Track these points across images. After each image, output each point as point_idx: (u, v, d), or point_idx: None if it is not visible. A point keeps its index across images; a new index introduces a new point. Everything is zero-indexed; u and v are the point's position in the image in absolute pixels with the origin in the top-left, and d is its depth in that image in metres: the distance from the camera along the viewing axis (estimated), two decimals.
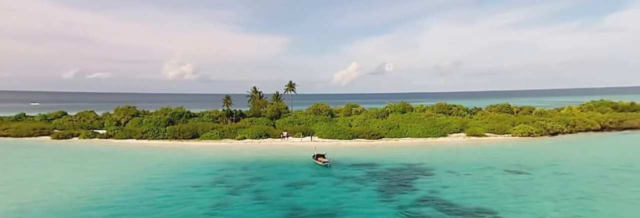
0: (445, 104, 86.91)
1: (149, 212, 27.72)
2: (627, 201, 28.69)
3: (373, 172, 40.13)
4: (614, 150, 51.16)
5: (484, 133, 63.55)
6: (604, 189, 31.84)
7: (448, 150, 52.93)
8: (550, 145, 56.52)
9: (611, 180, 35.00)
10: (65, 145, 59.10)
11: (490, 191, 31.72)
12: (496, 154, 49.06)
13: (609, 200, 28.95)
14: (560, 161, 43.69)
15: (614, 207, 27.34)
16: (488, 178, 36.10)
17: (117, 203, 29.86)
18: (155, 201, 30.54)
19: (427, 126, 65.50)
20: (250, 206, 28.95)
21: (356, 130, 64.52)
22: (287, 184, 35.56)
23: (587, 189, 31.98)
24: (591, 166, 41.48)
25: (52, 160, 48.15)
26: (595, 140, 61.47)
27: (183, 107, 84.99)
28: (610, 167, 40.56)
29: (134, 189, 34.03)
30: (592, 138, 63.20)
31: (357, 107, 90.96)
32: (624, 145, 56.22)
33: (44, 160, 47.83)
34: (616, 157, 46.05)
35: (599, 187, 32.75)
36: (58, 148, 56.99)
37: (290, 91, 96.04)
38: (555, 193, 30.69)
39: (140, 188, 34.51)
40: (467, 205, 27.86)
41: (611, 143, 58.20)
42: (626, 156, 46.91)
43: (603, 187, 32.48)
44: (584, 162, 43.76)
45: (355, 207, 28.47)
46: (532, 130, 62.08)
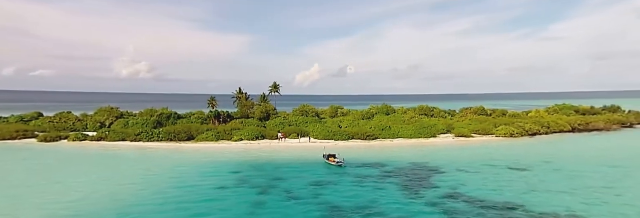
0: (427, 107, 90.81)
1: (199, 212, 28.01)
2: (633, 192, 32.16)
3: (386, 170, 41.88)
4: (594, 149, 56.15)
5: (470, 134, 67.41)
6: (608, 183, 35.33)
7: (445, 150, 55.85)
8: (534, 145, 61.00)
9: (609, 175, 38.85)
10: (60, 148, 56.88)
11: (506, 187, 34.36)
12: (491, 153, 52.46)
13: (617, 192, 32.28)
14: (553, 159, 47.55)
15: (623, 197, 30.62)
16: (497, 175, 38.91)
17: (160, 205, 29.74)
18: (195, 201, 30.79)
19: (418, 127, 68.47)
20: (288, 205, 29.71)
21: (351, 132, 66.25)
22: (310, 184, 36.51)
23: (592, 183, 35.41)
24: (584, 163, 45.61)
25: (61, 163, 46.80)
26: (571, 140, 66.91)
27: (168, 108, 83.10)
28: (601, 164, 44.85)
29: (167, 191, 33.89)
30: (568, 138, 68.70)
31: (343, 109, 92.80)
32: (600, 144, 61.56)
33: (52, 163, 46.36)
34: (600, 155, 50.69)
35: (601, 181, 36.31)
36: (55, 151, 54.85)
37: (274, 92, 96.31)
38: (566, 187, 33.82)
39: (172, 189, 34.44)
40: (494, 200, 30.16)
41: (588, 143, 63.61)
42: (608, 154, 51.67)
43: (605, 181, 36.04)
44: (575, 159, 47.92)
45: (389, 203, 29.97)
46: (513, 132, 66.69)
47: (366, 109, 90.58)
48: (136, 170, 42.52)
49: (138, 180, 37.92)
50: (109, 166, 44.57)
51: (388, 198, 31.26)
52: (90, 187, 34.65)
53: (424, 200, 30.72)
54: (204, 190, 34.33)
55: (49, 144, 58.93)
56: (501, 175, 39.19)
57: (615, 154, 51.41)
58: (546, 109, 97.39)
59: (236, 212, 28.07)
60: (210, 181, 37.56)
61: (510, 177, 38.14)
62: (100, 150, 55.54)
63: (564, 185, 34.80)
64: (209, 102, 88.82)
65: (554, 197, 30.78)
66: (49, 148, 56.25)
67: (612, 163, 45.20)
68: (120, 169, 42.90)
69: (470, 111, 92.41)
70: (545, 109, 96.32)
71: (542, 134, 70.34)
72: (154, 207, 29.18)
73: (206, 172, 41.86)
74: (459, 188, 34.06)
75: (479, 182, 36.33)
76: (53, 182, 36.73)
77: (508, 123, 69.77)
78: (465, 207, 28.66)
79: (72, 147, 57.86)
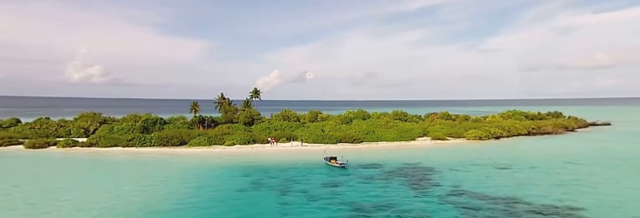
0: (401, 112, 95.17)
1: (231, 211, 28.55)
2: (603, 184, 36.80)
3: (385, 171, 44.02)
4: (553, 149, 61.47)
5: (445, 137, 71.96)
6: (579, 178, 39.59)
7: (429, 151, 59.24)
8: (503, 146, 66.08)
9: (576, 171, 43.23)
10: (54, 155, 53.84)
11: (499, 183, 37.59)
12: (470, 154, 56.31)
13: (589, 185, 36.60)
14: (525, 158, 51.96)
15: (597, 189, 34.99)
16: (487, 174, 42.38)
17: (193, 207, 29.84)
18: (224, 201, 31.23)
19: (398, 131, 72.01)
20: (313, 205, 30.55)
21: (339, 135, 68.40)
22: (322, 184, 37.64)
23: (566, 178, 39.50)
24: (550, 161, 49.91)
25: (67, 169, 44.46)
26: (530, 142, 73.02)
27: (151, 114, 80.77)
28: (565, 161, 49.31)
29: (191, 194, 33.77)
30: (526, 141, 74.96)
31: (322, 114, 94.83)
32: (555, 145, 67.01)
33: (63, 171, 43.98)
34: (561, 154, 55.45)
35: (573, 175, 40.46)
36: (52, 158, 51.91)
37: (255, 98, 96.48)
38: (548, 182, 37.60)
39: (195, 192, 34.30)
40: (494, 194, 33.15)
41: (545, 144, 69.30)
42: (566, 153, 56.64)
43: (576, 176, 40.25)
44: (542, 158, 52.29)
45: (404, 200, 31.81)
46: (481, 135, 72.02)
47: (344, 114, 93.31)
48: (148, 175, 41.58)
49: (156, 184, 37.24)
50: (120, 172, 43.14)
51: (401, 196, 33.06)
52: (123, 194, 33.85)
53: (434, 196, 33.00)
54: (227, 192, 34.45)
55: (38, 151, 55.47)
56: (490, 173, 42.75)
57: (572, 153, 57.09)
58: (500, 114, 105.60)
59: (269, 212, 28.64)
60: (227, 184, 37.66)
61: (498, 175, 41.81)
62: (97, 156, 53.16)
63: (546, 180, 38.66)
64: (191, 107, 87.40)
65: (544, 190, 34.36)
66: (42, 155, 53.07)
67: (573, 161, 50.41)
68: (133, 174, 41.74)
69: (437, 116, 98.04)
70: (500, 115, 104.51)
71: (504, 137, 76.51)
72: (189, 209, 29.21)
73: (217, 175, 41.75)
74: (459, 185, 36.80)
75: (474, 179, 39.50)
76: (85, 190, 35.40)
77: (476, 127, 75.27)
78: (474, 201, 31.27)
79: (65, 153, 54.89)
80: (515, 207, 29.27)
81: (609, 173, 42.42)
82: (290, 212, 28.87)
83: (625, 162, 49.82)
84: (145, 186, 36.50)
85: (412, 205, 30.28)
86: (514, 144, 68.76)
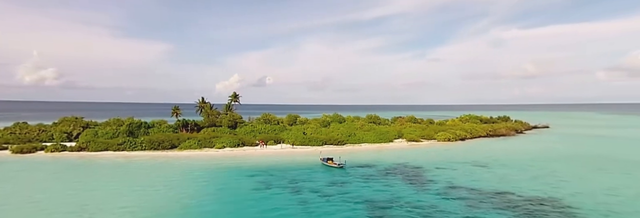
0: (374, 115, 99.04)
1: (258, 210, 29.41)
2: (571, 178, 41.84)
3: (378, 170, 46.34)
4: (514, 149, 67.35)
5: (419, 139, 76.44)
6: (548, 173, 44.35)
7: (409, 152, 62.58)
8: (471, 147, 71.13)
9: (543, 167, 47.92)
10: (46, 159, 51.09)
11: (485, 179, 41.22)
12: (447, 154, 60.36)
13: (558, 179, 41.22)
14: (496, 157, 56.50)
15: (569, 183, 39.78)
16: (470, 171, 46.19)
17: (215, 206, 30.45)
18: (245, 200, 31.99)
19: (377, 134, 75.36)
20: (329, 201, 31.93)
21: (324, 138, 70.39)
22: (328, 183, 39.01)
23: (537, 173, 43.94)
24: (518, 159, 54.74)
25: (71, 174, 42.68)
26: (491, 143, 79.03)
27: (133, 117, 78.03)
28: (530, 159, 54.35)
29: (213, 192, 34.27)
30: (488, 142, 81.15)
31: (300, 117, 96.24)
32: (515, 146, 73.16)
33: (62, 175, 41.88)
34: (523, 153, 60.98)
35: (542, 171, 45.07)
36: (46, 162, 49.34)
37: (234, 102, 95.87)
38: (525, 177, 41.77)
39: (216, 191, 34.77)
40: (485, 189, 36.46)
41: (505, 145, 75.20)
42: (527, 152, 62.38)
43: (545, 171, 44.85)
44: (509, 157, 57.16)
45: (409, 195, 34.05)
46: (450, 137, 77.38)
47: (322, 117, 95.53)
48: (157, 177, 41.03)
49: (171, 185, 37.01)
50: (127, 175, 42.10)
51: (405, 192, 35.22)
52: (143, 195, 33.51)
53: (434, 191, 35.71)
54: (243, 191, 35.18)
55: (26, 156, 52.09)
56: (472, 170, 46.62)
57: (530, 152, 62.94)
58: (459, 118, 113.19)
59: (293, 209, 29.71)
60: (239, 184, 38.24)
61: (480, 172, 45.84)
62: (91, 160, 51.04)
63: (521, 175, 42.90)
64: (173, 110, 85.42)
65: (524, 184, 38.40)
66: (34, 160, 50.04)
67: (534, 158, 55.86)
68: (141, 177, 41.03)
69: (405, 119, 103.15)
70: (458, 118, 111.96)
71: (468, 138, 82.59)
72: (217, 207, 29.78)
73: (225, 176, 42.02)
74: (452, 181, 39.83)
75: (462, 176, 42.90)
76: (103, 193, 34.40)
77: (444, 130, 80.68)
78: (470, 195, 34.23)
79: (55, 158, 52.07)
80: (508, 199, 32.79)
81: (568, 169, 47.90)
82: (314, 209, 30.06)
83: (575, 158, 56.13)
84: (161, 187, 36.19)
85: (418, 200, 32.70)
86: (479, 145, 74.59)
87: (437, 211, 29.23)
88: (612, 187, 37.59)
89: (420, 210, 29.68)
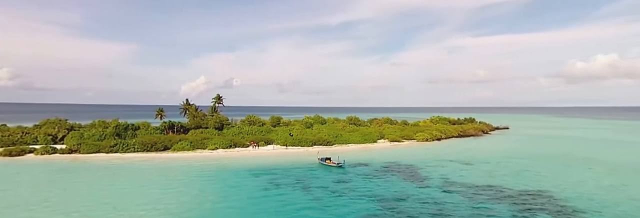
0: (354, 117, 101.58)
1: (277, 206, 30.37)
2: (547, 172, 45.91)
3: (375, 169, 48.09)
4: (489, 148, 71.98)
5: (400, 139, 79.66)
6: (526, 168, 48.26)
7: (394, 152, 65.33)
8: (449, 146, 74.99)
9: (520, 163, 51.83)
10: (39, 162, 48.65)
11: (474, 174, 44.26)
12: (432, 153, 63.36)
13: (537, 173, 45.05)
14: (476, 155, 60.25)
15: (547, 177, 43.59)
16: (459, 168, 49.09)
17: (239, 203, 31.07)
18: (263, 198, 32.94)
19: (361, 135, 77.70)
20: (342, 198, 33.29)
21: (313, 139, 71.69)
22: (334, 181, 40.22)
23: (517, 168, 47.77)
24: (496, 157, 58.65)
25: (75, 176, 41.00)
26: (466, 142, 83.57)
27: (118, 119, 75.29)
28: (506, 156, 58.47)
29: (227, 192, 34.77)
30: (461, 141, 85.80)
31: (283, 119, 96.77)
32: (487, 145, 78.02)
33: (68, 178, 40.09)
34: (497, 151, 65.41)
35: (520, 166, 48.90)
36: (38, 165, 46.87)
37: (218, 104, 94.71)
38: (508, 172, 45.38)
39: (230, 190, 35.27)
40: (478, 183, 39.23)
41: (479, 144, 79.79)
42: (501, 150, 67.00)
43: (523, 167, 48.69)
44: (487, 155, 61.10)
45: (412, 190, 35.96)
46: (428, 137, 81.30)
47: (304, 119, 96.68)
48: (165, 178, 40.73)
49: (183, 186, 36.87)
50: (135, 176, 41.48)
51: (408, 188, 37.17)
52: (161, 196, 33.15)
53: (434, 187, 37.86)
54: (256, 190, 35.90)
55: (16, 159, 49.25)
56: (460, 167, 49.62)
57: (502, 151, 67.51)
58: (430, 119, 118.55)
59: (309, 205, 30.78)
60: (248, 183, 38.80)
61: (467, 169, 48.97)
62: (87, 162, 49.27)
63: (503, 171, 46.45)
64: (157, 113, 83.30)
65: (510, 179, 41.65)
66: (27, 163, 47.68)
67: (508, 156, 59.90)
68: (150, 178, 40.49)
69: (382, 121, 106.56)
70: (429, 120, 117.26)
71: (443, 139, 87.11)
72: (237, 205, 30.41)
73: (231, 176, 42.24)
74: (446, 178, 42.29)
75: (453, 173, 45.61)
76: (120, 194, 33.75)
77: (422, 131, 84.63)
78: (467, 189, 36.65)
79: (47, 160, 49.68)
80: (501, 191, 35.74)
81: (540, 165, 52.16)
82: (330, 205, 31.23)
83: (542, 156, 60.96)
84: (174, 188, 36.06)
85: (422, 194, 34.82)
86: (454, 144, 78.97)
87: (444, 203, 31.43)
88: (582, 180, 41.85)
89: (428, 203, 31.74)
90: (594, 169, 49.03)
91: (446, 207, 30.76)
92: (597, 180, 41.94)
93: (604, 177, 43.39)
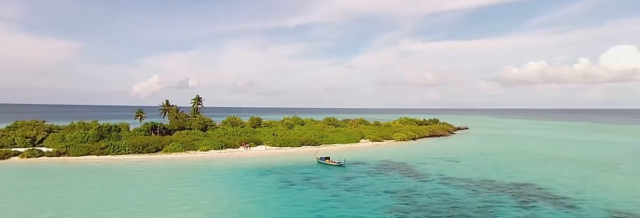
0: (333, 118, 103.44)
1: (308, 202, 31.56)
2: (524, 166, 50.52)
3: (372, 167, 50.10)
4: (461, 146, 76.74)
5: (380, 139, 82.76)
6: (505, 162, 52.99)
7: (380, 151, 67.85)
8: (427, 145, 79.12)
9: (495, 159, 56.26)
10: (28, 166, 44.98)
11: (464, 169, 47.72)
12: (417, 151, 66.62)
13: (514, 168, 49.18)
14: (455, 153, 64.37)
15: (532, 169, 47.92)
16: (447, 165, 52.51)
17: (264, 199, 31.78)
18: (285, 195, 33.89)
19: (345, 135, 79.69)
20: (361, 193, 34.98)
21: (301, 139, 72.49)
22: (343, 179, 41.62)
23: (497, 160, 52.40)
24: (473, 154, 63.20)
25: (83, 180, 38.42)
26: (438, 141, 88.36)
27: (97, 121, 70.88)
28: (480, 153, 63.15)
29: (247, 189, 35.26)
30: (434, 140, 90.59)
31: (264, 120, 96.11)
32: (458, 144, 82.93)
33: (79, 182, 37.60)
34: (472, 149, 70.17)
35: (498, 158, 53.68)
36: (28, 169, 43.03)
37: (198, 105, 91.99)
38: (491, 167, 49.59)
39: (254, 190, 35.69)
40: (472, 178, 42.42)
41: (451, 143, 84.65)
42: (475, 148, 72.03)
43: (501, 160, 53.49)
44: (465, 152, 65.52)
45: (417, 185, 38.31)
46: (405, 137, 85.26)
47: (285, 120, 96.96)
48: (178, 178, 40.10)
49: (198, 186, 36.77)
50: (147, 178, 40.09)
51: (412, 183, 39.60)
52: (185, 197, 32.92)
53: (435, 182, 40.56)
54: (274, 188, 36.77)
55: (2, 162, 45.05)
56: (448, 164, 52.85)
57: (475, 149, 72.32)
58: (399, 120, 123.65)
59: (332, 201, 32.09)
60: (262, 182, 39.57)
61: (456, 165, 52.46)
62: (87, 164, 46.62)
63: (487, 166, 50.61)
64: (137, 114, 79.52)
65: (495, 173, 45.36)
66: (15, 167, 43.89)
67: (484, 153, 64.57)
68: (165, 179, 39.62)
69: (356, 122, 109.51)
70: (399, 120, 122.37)
71: (418, 138, 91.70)
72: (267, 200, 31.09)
73: (240, 176, 42.62)
74: (442, 173, 45.13)
75: (446, 169, 48.69)
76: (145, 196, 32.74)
77: (397, 131, 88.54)
78: (466, 183, 39.45)
79: (34, 164, 46.16)
80: (496, 184, 39.12)
81: (514, 160, 56.98)
82: (351, 200, 32.53)
83: (511, 153, 66.37)
84: (189, 188, 35.89)
85: (429, 188, 37.25)
86: (430, 143, 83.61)
87: (453, 195, 34.16)
88: (557, 172, 46.78)
89: (438, 196, 34.24)
90: (562, 163, 54.68)
91: (457, 198, 33.44)
92: (570, 172, 47.19)
93: (575, 170, 48.88)
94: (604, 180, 42.58)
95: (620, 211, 29.69)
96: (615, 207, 30.98)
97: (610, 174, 46.38)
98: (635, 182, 41.46)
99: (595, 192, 36.30)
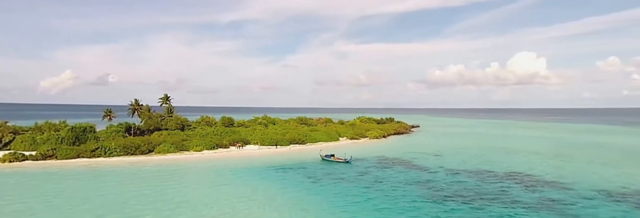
0: (305, 117, 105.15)
1: (346, 195, 34.30)
2: (504, 159, 58.02)
3: (373, 163, 53.04)
4: (431, 142, 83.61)
5: (357, 136, 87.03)
6: (483, 155, 60.29)
7: (365, 148, 71.77)
8: (401, 141, 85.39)
9: (470, 152, 63.48)
10: (17, 171, 39.56)
11: (454, 162, 53.46)
12: (400, 148, 71.57)
13: (493, 159, 56.40)
14: (432, 149, 70.53)
15: (510, 160, 55.31)
16: (436, 159, 57.86)
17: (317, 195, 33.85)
18: (322, 189, 36.11)
19: (326, 134, 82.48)
20: (386, 185, 38.23)
21: (289, 138, 73.56)
22: (359, 173, 44.64)
23: (475, 153, 59.50)
24: (450, 149, 69.82)
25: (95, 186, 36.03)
26: (406, 138, 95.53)
27: (65, 121, 64.25)
28: (454, 148, 70.10)
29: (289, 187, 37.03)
30: (402, 137, 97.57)
31: (237, 120, 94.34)
32: (426, 140, 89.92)
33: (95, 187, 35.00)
34: (443, 144, 77.37)
35: (474, 151, 60.81)
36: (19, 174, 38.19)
37: (165, 103, 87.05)
38: (480, 160, 56.11)
39: (289, 186, 37.54)
40: (469, 168, 48.30)
41: (419, 140, 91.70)
42: (444, 144, 79.24)
43: (478, 153, 60.69)
44: (440, 147, 71.85)
45: (426, 177, 42.63)
46: (377, 135, 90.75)
47: (259, 120, 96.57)
48: (197, 179, 39.93)
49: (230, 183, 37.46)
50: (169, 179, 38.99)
51: (421, 176, 43.69)
52: (233, 195, 33.33)
53: (441, 173, 45.36)
54: (305, 183, 38.96)
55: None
56: (436, 158, 57.97)
57: (445, 144, 79.92)
58: (358, 118, 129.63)
59: (369, 191, 35.11)
60: (289, 178, 41.49)
61: (444, 158, 58.15)
62: (88, 166, 43.08)
63: (473, 159, 57.19)
64: (105, 113, 73.38)
65: (486, 164, 51.83)
66: None
67: (455, 148, 71.95)
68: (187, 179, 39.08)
69: (323, 121, 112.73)
70: (358, 119, 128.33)
71: (387, 136, 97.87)
72: (314, 193, 33.28)
73: (260, 173, 43.78)
74: (441, 165, 50.23)
75: (439, 161, 54.22)
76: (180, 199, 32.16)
77: (371, 129, 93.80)
78: (469, 174, 44.57)
79: (18, 168, 41.43)
80: (491, 174, 44.75)
81: (489, 153, 64.59)
82: (385, 192, 35.56)
83: (479, 147, 74.48)
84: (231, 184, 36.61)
85: (442, 178, 41.95)
86: (401, 140, 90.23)
87: (466, 183, 39.26)
88: (530, 162, 55.09)
89: (458, 185, 38.83)
90: (526, 155, 63.31)
91: (474, 186, 38.43)
92: (540, 161, 55.87)
93: (542, 160, 57.78)
94: (572, 167, 51.53)
95: (604, 190, 36.98)
96: (600, 187, 38.43)
97: (572, 163, 55.65)
98: (597, 168, 50.61)
99: (573, 176, 44.02)
